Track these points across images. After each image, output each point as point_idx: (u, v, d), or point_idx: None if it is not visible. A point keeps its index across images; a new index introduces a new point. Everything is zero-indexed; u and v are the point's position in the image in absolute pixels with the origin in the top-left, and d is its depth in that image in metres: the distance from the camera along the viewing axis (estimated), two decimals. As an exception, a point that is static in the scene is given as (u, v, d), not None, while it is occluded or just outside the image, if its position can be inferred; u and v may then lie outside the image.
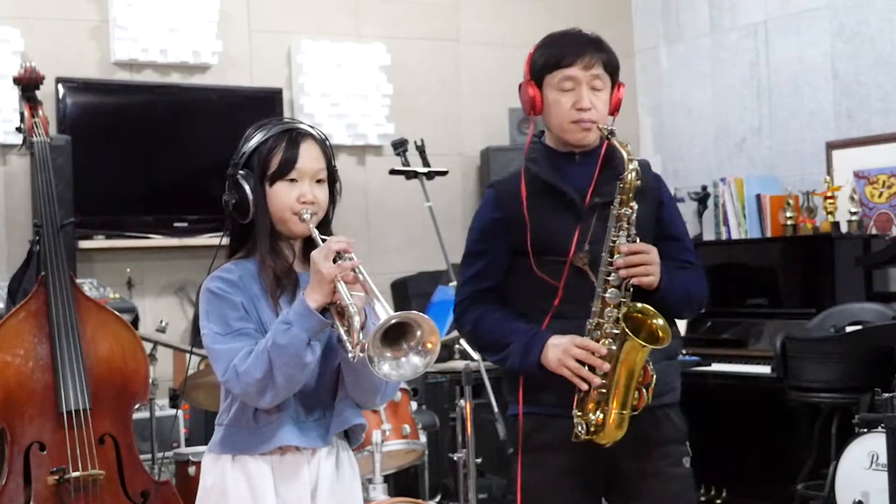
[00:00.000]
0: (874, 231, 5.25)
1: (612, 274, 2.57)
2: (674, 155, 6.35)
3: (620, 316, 2.55)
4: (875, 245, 5.08)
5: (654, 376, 2.58)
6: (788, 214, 5.37)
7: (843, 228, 5.24)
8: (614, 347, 2.56)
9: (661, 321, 2.56)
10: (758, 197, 5.51)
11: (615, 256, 2.57)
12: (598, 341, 2.57)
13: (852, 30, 5.45)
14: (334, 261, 2.23)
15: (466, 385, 4.00)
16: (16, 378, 3.56)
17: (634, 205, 2.60)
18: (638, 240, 2.60)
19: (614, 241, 2.58)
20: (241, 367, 2.26)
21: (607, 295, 2.57)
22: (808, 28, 5.64)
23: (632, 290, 2.58)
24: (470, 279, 2.78)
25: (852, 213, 5.22)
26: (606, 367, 2.56)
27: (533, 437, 2.71)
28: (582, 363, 2.57)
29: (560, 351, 2.59)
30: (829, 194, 5.27)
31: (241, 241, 2.44)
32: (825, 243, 5.07)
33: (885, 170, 5.24)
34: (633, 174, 2.59)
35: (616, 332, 2.56)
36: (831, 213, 5.24)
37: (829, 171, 5.47)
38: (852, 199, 5.23)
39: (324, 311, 2.24)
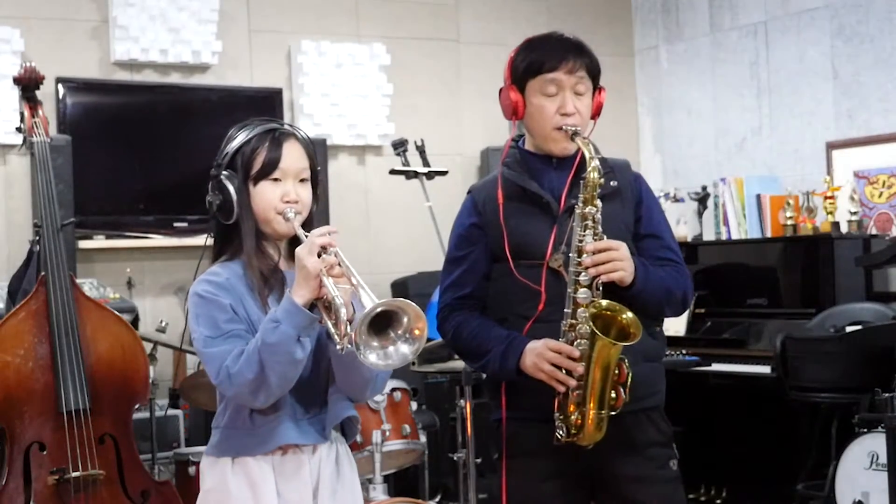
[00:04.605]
0: (874, 231, 5.25)
1: (582, 274, 2.56)
2: (674, 155, 6.35)
3: (588, 315, 2.54)
4: (875, 245, 5.08)
5: (630, 374, 2.56)
6: (788, 214, 5.37)
7: (843, 228, 5.24)
8: (588, 348, 2.55)
9: (629, 315, 2.54)
10: (758, 197, 5.51)
11: (583, 256, 2.56)
12: (572, 342, 2.57)
13: (852, 30, 5.45)
14: (319, 255, 2.23)
15: (466, 385, 4.00)
16: (16, 378, 3.56)
17: (599, 203, 2.58)
18: (605, 237, 2.58)
19: (581, 241, 2.57)
20: (233, 368, 2.26)
21: (579, 295, 2.56)
22: (808, 28, 5.64)
23: (601, 288, 2.56)
24: (450, 286, 2.77)
25: (852, 213, 5.22)
26: (580, 368, 2.55)
27: (516, 442, 2.70)
28: (557, 366, 2.57)
29: (535, 355, 2.58)
30: (829, 194, 5.28)
31: (224, 242, 2.44)
32: (825, 243, 5.07)
33: (885, 170, 5.24)
34: (595, 173, 2.57)
35: (589, 331, 2.55)
36: (831, 213, 5.24)
37: (829, 171, 5.47)
38: (852, 199, 5.23)
39: (311, 307, 2.25)
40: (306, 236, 2.30)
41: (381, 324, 2.15)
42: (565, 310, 2.58)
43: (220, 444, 2.39)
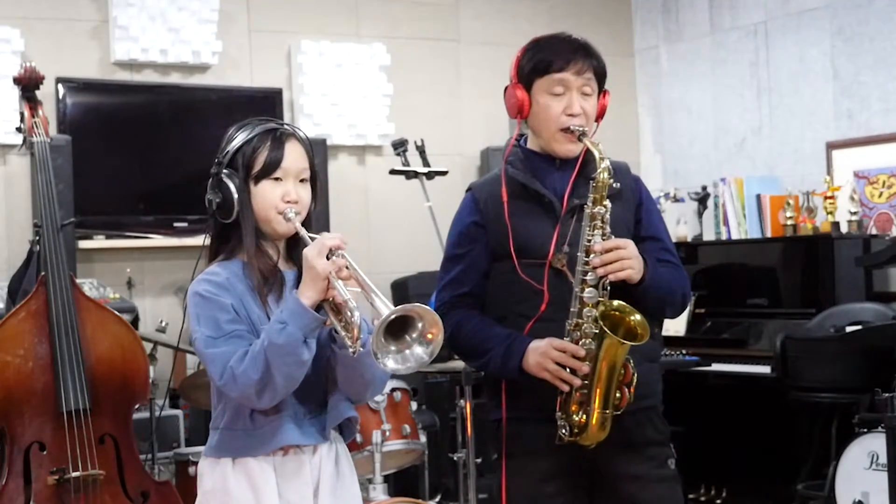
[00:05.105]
0: (874, 231, 5.25)
1: (589, 273, 2.56)
2: (674, 155, 6.35)
3: (597, 314, 2.54)
4: (875, 245, 5.08)
5: (636, 374, 2.57)
6: (788, 214, 5.37)
7: (843, 228, 5.24)
8: (593, 347, 2.55)
9: (638, 317, 2.55)
10: (758, 197, 5.51)
11: (591, 256, 2.56)
12: (577, 342, 2.57)
13: (852, 30, 5.45)
14: (327, 257, 2.23)
15: (466, 385, 4.00)
16: (16, 378, 3.56)
17: (608, 203, 2.59)
18: (613, 237, 2.58)
19: (589, 241, 2.57)
20: (238, 369, 2.25)
21: (585, 295, 2.56)
22: (808, 28, 5.64)
23: (608, 288, 2.57)
24: (448, 284, 2.77)
25: (852, 213, 5.22)
26: (585, 368, 2.55)
27: (516, 442, 2.70)
28: (562, 365, 2.57)
29: (539, 354, 2.58)
30: (829, 194, 5.28)
31: (222, 242, 2.43)
32: (825, 243, 5.07)
33: (885, 170, 5.24)
34: (606, 173, 2.58)
35: (595, 331, 2.55)
36: (831, 213, 5.24)
37: (829, 171, 5.47)
38: (852, 199, 5.23)
39: (317, 308, 2.24)
40: (311, 238, 2.30)
41: (397, 328, 2.15)
42: (571, 309, 2.58)
43: (219, 445, 2.38)
